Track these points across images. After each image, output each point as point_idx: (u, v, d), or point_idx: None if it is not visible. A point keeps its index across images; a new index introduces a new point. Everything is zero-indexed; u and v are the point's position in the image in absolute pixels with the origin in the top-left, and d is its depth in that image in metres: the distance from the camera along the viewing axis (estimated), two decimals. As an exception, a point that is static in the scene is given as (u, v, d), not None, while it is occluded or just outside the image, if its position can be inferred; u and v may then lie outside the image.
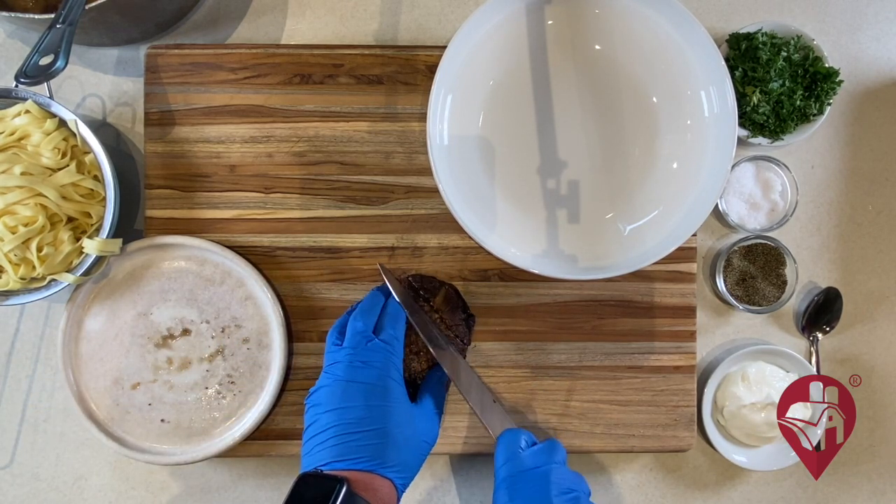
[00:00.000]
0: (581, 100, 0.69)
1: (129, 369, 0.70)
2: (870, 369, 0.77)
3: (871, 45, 0.78)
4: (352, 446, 0.58)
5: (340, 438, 0.58)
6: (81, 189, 0.65)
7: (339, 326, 0.66)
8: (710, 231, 0.76)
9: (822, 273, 0.77)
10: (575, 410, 0.72)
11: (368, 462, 0.58)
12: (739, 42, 0.73)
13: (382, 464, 0.58)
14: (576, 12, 0.68)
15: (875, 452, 0.77)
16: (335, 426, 0.59)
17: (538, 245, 0.68)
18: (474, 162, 0.68)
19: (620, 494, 0.75)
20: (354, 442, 0.58)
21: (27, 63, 0.60)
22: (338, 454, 0.58)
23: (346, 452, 0.58)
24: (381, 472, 0.58)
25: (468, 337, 0.71)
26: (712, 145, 0.66)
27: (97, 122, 0.75)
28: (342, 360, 0.62)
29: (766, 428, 0.71)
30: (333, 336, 0.66)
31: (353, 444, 0.58)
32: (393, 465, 0.59)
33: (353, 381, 0.61)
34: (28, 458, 0.74)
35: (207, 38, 0.75)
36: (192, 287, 0.70)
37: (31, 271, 0.64)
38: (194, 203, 0.71)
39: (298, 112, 0.71)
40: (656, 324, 0.72)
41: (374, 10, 0.76)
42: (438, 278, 0.71)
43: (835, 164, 0.77)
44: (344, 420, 0.59)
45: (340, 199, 0.72)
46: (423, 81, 0.72)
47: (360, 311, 0.66)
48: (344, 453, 0.58)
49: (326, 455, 0.58)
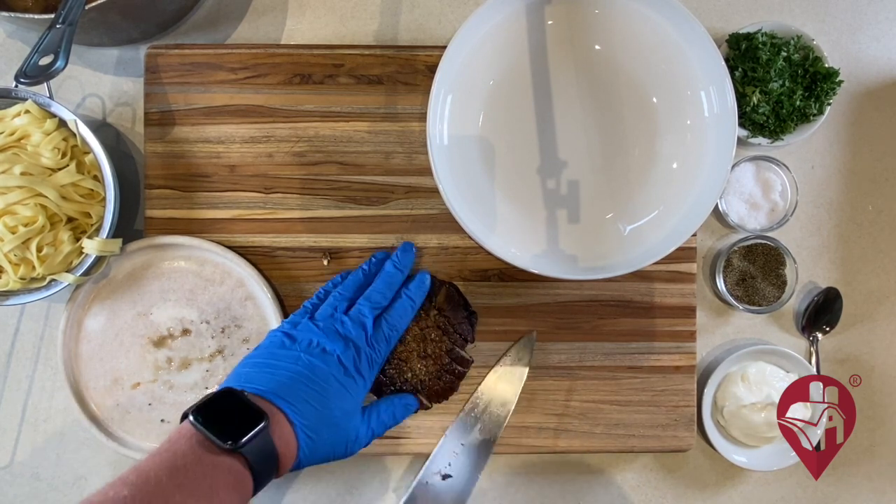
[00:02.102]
0: (581, 100, 0.69)
1: (129, 369, 0.70)
2: (870, 369, 0.77)
3: (871, 45, 0.78)
4: (288, 387, 0.56)
5: (291, 378, 0.57)
6: (81, 189, 0.65)
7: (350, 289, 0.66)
8: (710, 231, 0.76)
9: (822, 273, 0.77)
10: (575, 410, 0.72)
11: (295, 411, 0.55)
12: (739, 42, 0.73)
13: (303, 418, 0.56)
14: (576, 12, 0.68)
15: (875, 452, 0.77)
16: (292, 366, 0.58)
17: (538, 245, 0.68)
18: (474, 162, 0.68)
19: (620, 494, 0.75)
20: (293, 384, 0.57)
21: (27, 63, 0.60)
22: (276, 387, 0.56)
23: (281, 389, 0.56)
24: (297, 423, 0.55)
25: (472, 334, 0.71)
26: (712, 145, 0.66)
27: (97, 122, 0.75)
28: (335, 326, 0.62)
29: (766, 428, 0.71)
30: (341, 295, 0.65)
31: (291, 386, 0.56)
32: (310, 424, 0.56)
33: (328, 351, 0.60)
34: (28, 458, 0.74)
35: (207, 38, 0.75)
36: (192, 287, 0.70)
37: (31, 271, 0.64)
38: (194, 203, 0.71)
39: (298, 112, 0.72)
40: (656, 324, 0.72)
41: (374, 10, 0.76)
42: (438, 277, 0.71)
43: (835, 164, 0.77)
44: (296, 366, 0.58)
45: (340, 199, 0.72)
46: (423, 81, 0.72)
47: (371, 295, 0.65)
48: (279, 389, 0.56)
49: (267, 381, 0.56)
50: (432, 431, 0.71)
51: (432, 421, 0.71)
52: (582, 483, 0.75)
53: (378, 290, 0.66)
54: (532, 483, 0.75)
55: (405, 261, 0.68)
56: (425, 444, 0.71)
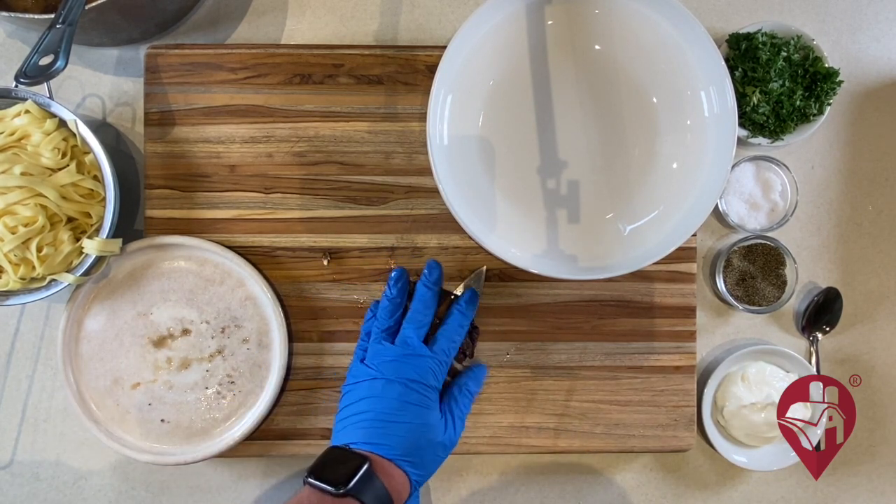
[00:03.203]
0: (581, 100, 0.69)
1: (129, 369, 0.70)
2: (870, 369, 0.77)
3: (871, 45, 0.78)
4: (380, 432, 0.62)
5: (373, 423, 0.62)
6: (81, 189, 0.65)
7: (384, 320, 0.68)
8: (710, 231, 0.76)
9: (822, 273, 0.77)
10: (575, 410, 0.72)
11: (392, 450, 0.61)
12: (739, 42, 0.73)
13: (404, 456, 0.61)
14: (576, 12, 0.68)
15: (875, 452, 0.77)
16: (370, 412, 0.63)
17: (538, 245, 0.68)
18: (474, 162, 0.68)
19: (620, 494, 0.75)
20: (384, 429, 0.62)
21: (27, 63, 0.60)
22: (367, 437, 0.62)
23: (374, 437, 0.62)
24: (400, 463, 0.61)
25: (471, 349, 0.71)
26: (712, 145, 0.66)
27: (97, 122, 0.75)
28: (392, 357, 0.65)
29: (766, 428, 0.71)
30: (380, 330, 0.68)
31: (382, 431, 0.62)
32: (413, 460, 0.62)
33: (396, 380, 0.64)
34: (28, 458, 0.73)
35: (207, 38, 0.75)
36: (192, 287, 0.70)
37: (31, 271, 0.64)
38: (194, 203, 0.71)
39: (298, 112, 0.71)
40: (656, 324, 0.72)
41: (374, 10, 0.76)
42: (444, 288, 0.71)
43: (835, 164, 0.77)
44: (379, 408, 0.63)
45: (340, 199, 0.72)
46: (423, 81, 0.72)
47: (413, 318, 0.68)
48: (372, 437, 0.62)
49: (357, 435, 0.62)
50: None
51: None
52: (582, 483, 0.75)
53: (418, 311, 0.68)
54: (532, 483, 0.75)
55: (433, 277, 0.70)
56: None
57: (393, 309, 0.68)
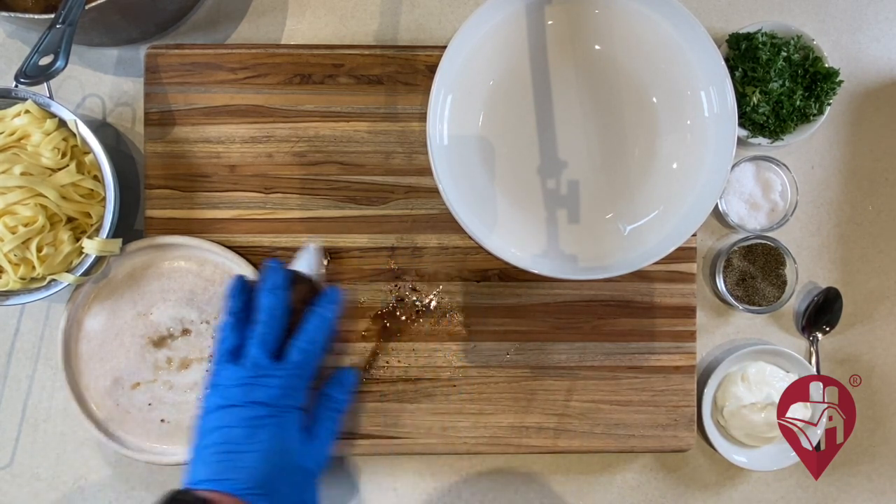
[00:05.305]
0: (581, 100, 0.69)
1: (129, 369, 0.70)
2: (870, 369, 0.77)
3: (871, 45, 0.78)
4: (227, 466, 0.57)
5: (219, 456, 0.58)
6: (81, 189, 0.65)
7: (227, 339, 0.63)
8: (710, 231, 0.76)
9: (822, 273, 0.77)
10: (575, 410, 0.72)
11: (239, 484, 0.56)
12: (739, 42, 0.73)
13: (255, 488, 0.57)
14: (576, 12, 0.68)
15: (875, 452, 0.77)
16: (216, 444, 0.58)
17: (538, 245, 0.68)
18: (474, 162, 0.68)
19: (620, 494, 0.75)
20: (231, 462, 0.57)
21: (27, 63, 0.60)
22: (213, 472, 0.57)
23: (220, 472, 0.57)
24: (249, 498, 0.56)
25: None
26: (712, 145, 0.66)
27: (97, 122, 0.75)
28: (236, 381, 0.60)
29: (766, 428, 0.71)
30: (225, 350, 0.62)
31: (230, 465, 0.57)
32: (265, 491, 0.57)
33: (244, 404, 0.59)
34: (28, 458, 0.74)
35: (207, 38, 0.75)
36: (192, 287, 0.70)
37: (31, 271, 0.64)
38: (194, 203, 0.71)
39: (298, 112, 0.72)
40: (656, 324, 0.72)
41: (374, 10, 0.76)
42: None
43: (835, 164, 0.77)
44: (225, 438, 0.58)
45: (340, 199, 0.72)
46: (423, 81, 0.72)
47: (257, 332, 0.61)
48: (219, 472, 0.57)
49: (202, 471, 0.58)
50: (432, 431, 0.71)
51: (431, 421, 0.71)
52: (582, 483, 0.75)
53: (262, 323, 0.61)
54: (532, 483, 0.75)
55: (272, 281, 0.63)
56: (425, 445, 0.71)
57: (235, 324, 0.63)
